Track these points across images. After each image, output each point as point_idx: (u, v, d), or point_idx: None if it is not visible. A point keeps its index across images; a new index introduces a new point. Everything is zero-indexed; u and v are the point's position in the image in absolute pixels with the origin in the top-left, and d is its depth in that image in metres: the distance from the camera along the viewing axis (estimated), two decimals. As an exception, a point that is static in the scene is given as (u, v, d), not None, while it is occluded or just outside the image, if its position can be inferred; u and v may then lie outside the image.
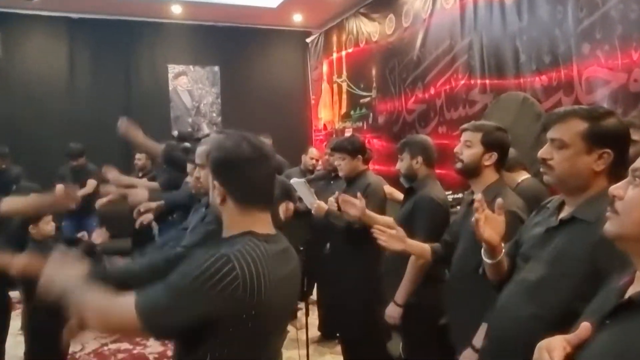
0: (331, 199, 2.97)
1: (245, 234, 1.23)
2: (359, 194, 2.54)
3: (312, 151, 4.98)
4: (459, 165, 2.04)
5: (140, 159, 5.34)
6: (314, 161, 4.88)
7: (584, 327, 0.93)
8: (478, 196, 1.50)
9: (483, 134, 1.99)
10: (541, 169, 1.47)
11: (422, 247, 2.19)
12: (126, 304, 1.14)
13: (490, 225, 1.47)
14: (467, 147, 2.01)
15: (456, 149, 2.06)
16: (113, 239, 3.30)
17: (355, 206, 2.53)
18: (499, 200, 1.51)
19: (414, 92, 5.22)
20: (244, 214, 1.25)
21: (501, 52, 3.87)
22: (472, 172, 2.02)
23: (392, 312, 2.50)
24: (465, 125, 2.08)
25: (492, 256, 1.51)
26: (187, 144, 4.15)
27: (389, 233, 2.07)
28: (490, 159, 1.97)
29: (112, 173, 3.76)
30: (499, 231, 1.48)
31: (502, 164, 2.02)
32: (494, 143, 1.98)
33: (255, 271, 1.16)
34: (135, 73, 7.04)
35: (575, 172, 1.37)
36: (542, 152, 1.44)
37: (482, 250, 1.53)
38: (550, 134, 1.42)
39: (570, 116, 1.39)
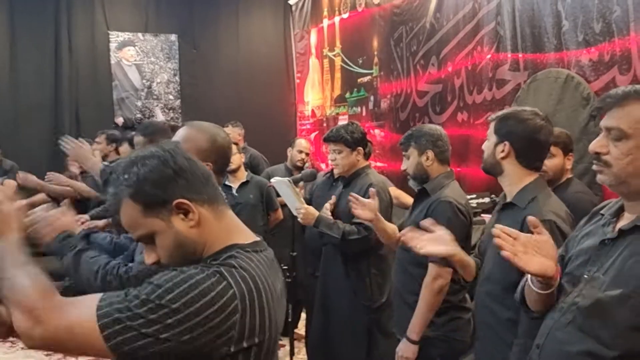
0: (326, 205, 2.97)
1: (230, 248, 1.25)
2: (371, 190, 2.55)
3: (301, 142, 4.98)
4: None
5: (100, 142, 5.30)
6: (302, 155, 4.88)
7: None
8: (495, 230, 1.46)
9: (497, 121, 2.06)
10: (594, 167, 1.47)
11: (467, 259, 2.13)
12: (85, 304, 1.12)
13: (535, 250, 1.43)
14: (487, 140, 2.09)
15: (483, 145, 2.12)
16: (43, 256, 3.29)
17: (365, 206, 2.54)
18: (530, 218, 1.48)
19: (427, 70, 5.22)
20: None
21: (538, 18, 3.87)
22: (490, 169, 2.08)
23: (406, 351, 2.50)
24: (492, 115, 2.14)
25: (546, 286, 1.48)
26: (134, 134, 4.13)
27: (426, 237, 1.96)
28: (504, 150, 2.02)
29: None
30: (550, 254, 1.44)
31: (522, 157, 2.03)
32: (507, 130, 2.03)
33: (256, 290, 1.19)
34: (67, 43, 6.98)
35: (638, 170, 1.38)
36: (594, 145, 1.44)
37: (530, 278, 1.52)
38: (605, 121, 1.43)
39: (631, 99, 1.40)
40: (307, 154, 4.94)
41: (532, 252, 1.42)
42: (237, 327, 1.15)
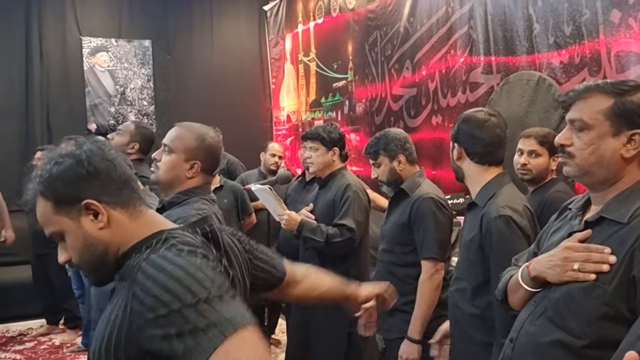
0: (304, 210, 2.97)
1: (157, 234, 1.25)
2: (311, 205, 2.56)
3: (274, 146, 4.99)
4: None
5: (40, 158, 5.21)
6: (276, 159, 4.89)
7: (630, 357, 0.94)
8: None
9: (453, 125, 2.15)
10: (560, 159, 1.52)
11: None
12: None
13: None
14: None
15: None
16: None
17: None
18: None
19: (401, 74, 5.25)
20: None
21: (510, 21, 3.91)
22: (456, 175, 2.17)
23: (410, 352, 2.50)
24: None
25: (538, 285, 1.50)
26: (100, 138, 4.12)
27: None
28: (456, 152, 2.10)
29: None
30: None
31: (472, 154, 2.08)
32: (456, 132, 2.12)
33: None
34: (38, 49, 6.83)
35: (600, 160, 1.41)
36: (559, 137, 1.49)
37: (520, 275, 1.53)
38: (569, 114, 1.47)
39: (592, 92, 1.44)
40: (280, 157, 4.95)
41: None
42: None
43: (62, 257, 1.26)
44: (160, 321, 1.04)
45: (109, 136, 3.39)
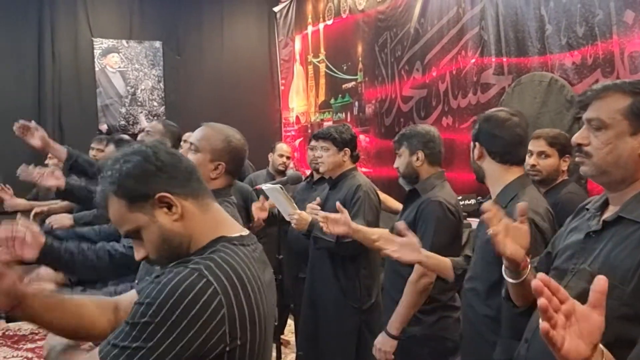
0: (310, 205, 2.95)
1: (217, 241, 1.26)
2: (337, 204, 2.55)
3: (282, 147, 4.99)
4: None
5: (52, 158, 5.26)
6: (284, 159, 4.89)
7: None
8: (486, 204, 1.55)
9: (473, 125, 2.12)
10: (577, 159, 1.50)
11: (440, 261, 2.24)
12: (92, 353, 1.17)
13: (512, 237, 1.50)
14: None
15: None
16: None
17: (337, 221, 2.51)
18: (521, 204, 1.54)
19: (411, 75, 5.23)
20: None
21: (522, 22, 3.90)
22: (477, 175, 2.14)
23: (384, 344, 2.50)
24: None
25: (516, 275, 1.54)
26: (124, 136, 4.16)
27: (399, 241, 2.11)
28: (477, 151, 2.08)
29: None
30: (523, 243, 1.52)
31: (494, 153, 2.06)
32: (477, 131, 2.09)
33: (239, 282, 1.20)
34: (50, 50, 6.88)
35: (617, 159, 1.40)
36: (576, 137, 1.47)
37: (504, 269, 1.57)
38: (587, 114, 1.46)
39: (610, 91, 1.43)
40: (288, 157, 4.95)
41: (510, 238, 1.50)
42: (226, 321, 1.15)
43: (139, 255, 1.27)
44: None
45: (138, 138, 3.41)
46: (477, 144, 2.08)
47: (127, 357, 1.11)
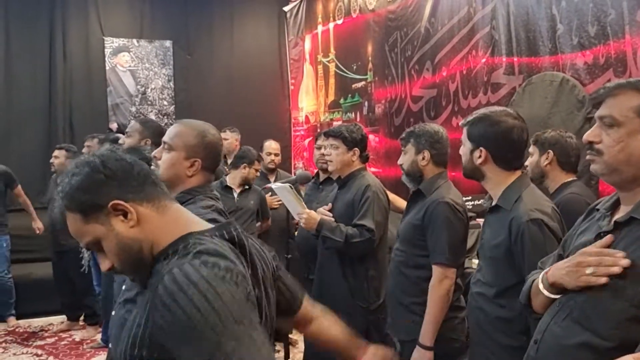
0: (321, 209, 2.95)
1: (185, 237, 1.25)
2: (329, 204, 2.53)
3: (270, 145, 5.01)
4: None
5: (57, 156, 5.28)
6: (272, 157, 4.91)
7: None
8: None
9: (468, 126, 2.08)
10: (588, 156, 1.49)
11: None
12: None
13: None
14: (463, 145, 2.12)
15: (460, 150, 2.15)
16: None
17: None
18: None
19: (421, 75, 5.21)
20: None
21: (533, 22, 3.87)
22: (472, 174, 2.11)
23: (421, 358, 2.47)
24: (462, 121, 2.17)
25: (558, 291, 1.48)
26: (119, 135, 4.15)
27: None
28: (481, 156, 2.03)
29: None
30: None
31: (500, 160, 2.05)
32: (480, 134, 2.04)
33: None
34: (61, 49, 6.93)
35: (629, 157, 1.39)
36: (588, 134, 1.46)
37: (543, 284, 1.52)
38: (599, 111, 1.45)
39: (623, 88, 1.42)
40: (276, 155, 4.95)
41: None
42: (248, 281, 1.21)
43: (104, 266, 1.26)
44: (184, 339, 1.08)
45: (120, 141, 3.39)
46: (482, 149, 2.05)
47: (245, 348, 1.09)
